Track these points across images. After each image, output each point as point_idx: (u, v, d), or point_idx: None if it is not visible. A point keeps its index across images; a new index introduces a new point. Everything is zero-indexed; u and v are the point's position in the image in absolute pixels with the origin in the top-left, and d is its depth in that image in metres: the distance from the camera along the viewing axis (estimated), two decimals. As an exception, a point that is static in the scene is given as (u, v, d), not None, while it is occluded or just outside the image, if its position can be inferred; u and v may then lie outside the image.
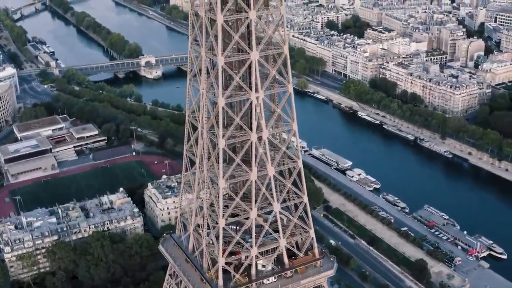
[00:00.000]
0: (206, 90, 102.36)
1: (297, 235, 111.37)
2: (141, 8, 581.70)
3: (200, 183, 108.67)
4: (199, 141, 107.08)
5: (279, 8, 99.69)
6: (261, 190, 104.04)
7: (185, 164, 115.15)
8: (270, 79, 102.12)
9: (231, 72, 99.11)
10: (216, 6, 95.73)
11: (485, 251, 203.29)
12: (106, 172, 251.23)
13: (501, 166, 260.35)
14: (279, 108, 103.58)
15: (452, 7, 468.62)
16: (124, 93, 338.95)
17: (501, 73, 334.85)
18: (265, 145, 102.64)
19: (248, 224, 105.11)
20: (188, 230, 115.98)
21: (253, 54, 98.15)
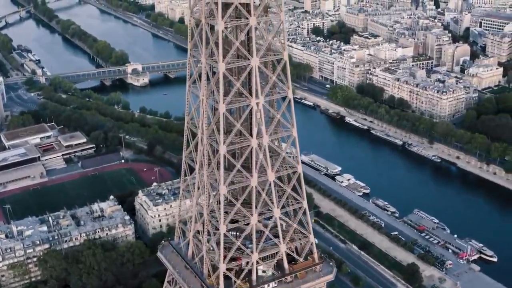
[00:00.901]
0: (206, 97, 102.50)
1: (296, 240, 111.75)
2: (126, 16, 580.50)
3: (200, 189, 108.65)
4: (199, 147, 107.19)
5: (278, 15, 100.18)
6: (262, 195, 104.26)
7: (184, 170, 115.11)
8: (270, 85, 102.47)
9: (232, 78, 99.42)
10: (217, 12, 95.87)
11: (476, 254, 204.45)
12: (95, 180, 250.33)
13: (489, 169, 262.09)
14: (279, 114, 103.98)
15: (437, 12, 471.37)
16: (111, 101, 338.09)
17: (487, 77, 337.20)
18: (265, 151, 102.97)
19: (248, 229, 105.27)
20: (187, 236, 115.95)
21: (254, 60, 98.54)
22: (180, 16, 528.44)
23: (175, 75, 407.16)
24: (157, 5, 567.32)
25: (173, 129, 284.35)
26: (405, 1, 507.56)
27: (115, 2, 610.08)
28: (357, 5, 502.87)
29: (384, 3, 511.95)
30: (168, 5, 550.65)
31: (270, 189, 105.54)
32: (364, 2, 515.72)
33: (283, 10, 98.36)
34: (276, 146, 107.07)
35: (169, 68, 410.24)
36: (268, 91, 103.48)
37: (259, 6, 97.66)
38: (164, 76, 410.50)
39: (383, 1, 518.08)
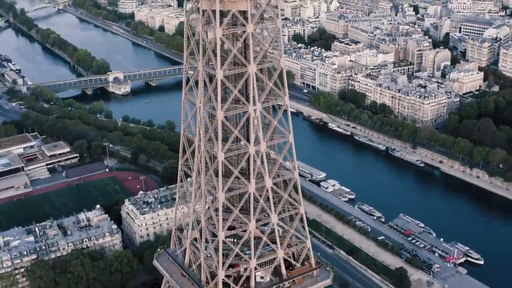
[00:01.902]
0: (204, 104, 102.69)
1: (293, 246, 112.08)
2: (106, 24, 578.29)
3: (198, 197, 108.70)
4: (196, 154, 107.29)
5: (275, 22, 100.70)
6: (259, 202, 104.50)
7: (180, 178, 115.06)
8: (267, 91, 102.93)
9: (229, 85, 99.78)
10: (215, 20, 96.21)
11: (462, 258, 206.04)
12: (80, 189, 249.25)
13: (473, 173, 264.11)
14: (276, 120, 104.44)
15: (417, 18, 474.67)
16: (94, 110, 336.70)
17: (468, 82, 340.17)
18: (262, 157, 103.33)
19: (246, 236, 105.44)
20: (184, 244, 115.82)
21: (251, 67, 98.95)
22: (160, 24, 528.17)
23: (156, 83, 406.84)
24: (137, 13, 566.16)
25: (157, 138, 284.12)
26: (385, 7, 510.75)
27: (95, 11, 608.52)
28: (337, 12, 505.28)
29: (364, 10, 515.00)
30: (148, 14, 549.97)
31: (267, 195, 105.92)
32: (344, 8, 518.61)
33: (280, 17, 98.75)
34: (273, 152, 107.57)
35: (151, 76, 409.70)
36: (265, 98, 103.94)
37: (256, 14, 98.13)
38: (146, 85, 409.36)
39: (362, 8, 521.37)
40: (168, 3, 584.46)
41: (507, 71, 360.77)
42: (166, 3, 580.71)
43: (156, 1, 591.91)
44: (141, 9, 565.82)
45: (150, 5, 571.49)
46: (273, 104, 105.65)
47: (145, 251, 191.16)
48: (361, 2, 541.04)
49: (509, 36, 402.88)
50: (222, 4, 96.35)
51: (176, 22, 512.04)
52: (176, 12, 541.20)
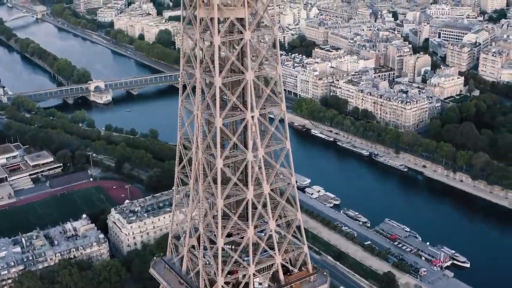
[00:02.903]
0: (201, 111, 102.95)
1: (291, 252, 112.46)
2: (85, 33, 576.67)
3: (195, 204, 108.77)
4: (193, 162, 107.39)
5: (272, 29, 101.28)
6: (257, 208, 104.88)
7: (176, 185, 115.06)
8: (265, 98, 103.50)
9: (228, 93, 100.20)
10: (213, 28, 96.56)
11: (449, 261, 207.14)
12: (64, 199, 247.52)
13: (456, 177, 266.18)
14: (273, 127, 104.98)
15: (396, 24, 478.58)
16: (76, 119, 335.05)
17: (448, 87, 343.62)
18: (260, 163, 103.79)
19: (244, 242, 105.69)
20: (180, 251, 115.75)
21: (249, 74, 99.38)
22: (140, 33, 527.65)
23: (138, 92, 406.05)
24: (116, 22, 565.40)
25: (141, 146, 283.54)
26: (364, 14, 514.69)
27: (73, 20, 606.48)
28: (317, 19, 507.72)
29: (343, 16, 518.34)
30: (127, 22, 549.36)
31: (265, 202, 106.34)
32: (324, 15, 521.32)
33: (277, 25, 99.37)
34: (270, 158, 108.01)
35: (132, 85, 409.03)
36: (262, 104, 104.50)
37: (253, 21, 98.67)
38: (127, 93, 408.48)
39: (342, 14, 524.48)
40: (148, 11, 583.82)
41: (487, 76, 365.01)
42: (145, 12, 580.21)
43: (135, 9, 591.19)
44: (121, 18, 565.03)
45: (129, 14, 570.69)
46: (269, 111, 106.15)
47: (133, 260, 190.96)
48: (340, 9, 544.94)
49: (488, 40, 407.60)
50: (220, 12, 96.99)
51: (156, 31, 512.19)
52: (156, 21, 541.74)
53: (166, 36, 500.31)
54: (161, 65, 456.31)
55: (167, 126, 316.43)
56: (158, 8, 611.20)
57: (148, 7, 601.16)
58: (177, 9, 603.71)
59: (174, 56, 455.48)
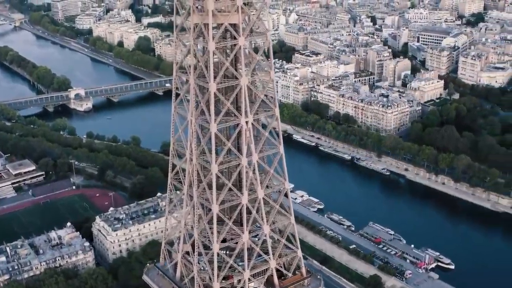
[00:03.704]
0: (195, 117, 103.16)
1: (285, 256, 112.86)
2: (63, 41, 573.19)
3: (189, 210, 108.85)
4: (187, 167, 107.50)
5: (265, 34, 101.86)
6: (252, 213, 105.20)
7: (169, 191, 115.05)
8: (258, 104, 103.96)
9: (222, 98, 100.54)
10: (208, 34, 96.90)
11: (433, 263, 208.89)
12: (47, 207, 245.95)
13: (438, 180, 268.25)
14: (266, 132, 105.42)
15: (375, 28, 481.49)
16: (57, 127, 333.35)
17: (429, 90, 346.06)
18: (254, 168, 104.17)
19: (239, 247, 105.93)
20: (174, 258, 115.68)
21: (243, 80, 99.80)
22: (119, 40, 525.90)
23: (118, 99, 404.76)
24: (95, 29, 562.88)
25: (123, 153, 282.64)
26: (343, 19, 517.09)
27: (52, 28, 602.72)
28: (296, 24, 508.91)
29: (323, 21, 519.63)
30: (106, 29, 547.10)
31: (259, 206, 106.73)
32: (303, 21, 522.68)
33: (270, 30, 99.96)
34: (264, 163, 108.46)
35: (112, 92, 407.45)
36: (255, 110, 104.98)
37: (247, 27, 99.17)
38: (107, 100, 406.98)
39: (321, 20, 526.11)
40: (126, 18, 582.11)
41: (466, 79, 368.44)
42: (124, 19, 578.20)
43: (114, 16, 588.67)
44: (99, 25, 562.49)
45: (108, 21, 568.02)
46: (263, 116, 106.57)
47: (118, 267, 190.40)
48: (319, 14, 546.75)
49: (467, 44, 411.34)
50: (214, 18, 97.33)
51: (135, 37, 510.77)
52: (135, 27, 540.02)
53: (145, 43, 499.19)
54: (141, 72, 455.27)
55: (149, 133, 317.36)
56: (137, 15, 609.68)
57: (127, 14, 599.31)
58: (155, 15, 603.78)
59: (154, 62, 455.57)
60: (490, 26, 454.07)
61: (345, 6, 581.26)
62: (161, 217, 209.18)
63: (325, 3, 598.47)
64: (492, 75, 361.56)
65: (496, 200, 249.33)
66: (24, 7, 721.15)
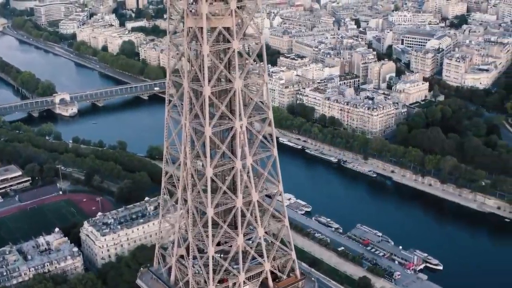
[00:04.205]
0: (189, 121, 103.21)
1: (279, 258, 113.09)
2: (47, 45, 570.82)
3: (183, 213, 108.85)
4: (182, 171, 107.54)
5: (258, 38, 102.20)
6: (246, 216, 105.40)
7: (163, 195, 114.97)
8: (252, 106, 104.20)
9: (216, 102, 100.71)
10: (202, 38, 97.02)
11: (422, 264, 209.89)
12: (34, 213, 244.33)
13: (425, 181, 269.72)
14: (260, 134, 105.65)
15: (359, 31, 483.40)
16: (42, 132, 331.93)
17: (414, 92, 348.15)
18: (249, 171, 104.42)
19: (234, 250, 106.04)
20: (168, 262, 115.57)
21: (237, 83, 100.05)
22: (103, 44, 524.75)
23: (103, 103, 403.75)
24: (79, 34, 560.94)
25: (110, 158, 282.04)
26: (327, 22, 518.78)
27: (35, 32, 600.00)
28: (281, 28, 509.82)
29: (307, 25, 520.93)
30: (90, 34, 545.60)
31: (254, 209, 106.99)
32: (287, 24, 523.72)
33: (263, 34, 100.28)
34: (258, 166, 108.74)
35: (97, 96, 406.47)
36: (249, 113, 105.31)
37: (240, 30, 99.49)
38: (92, 105, 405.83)
39: (305, 23, 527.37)
40: (110, 22, 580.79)
41: (451, 81, 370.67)
42: (108, 23, 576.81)
43: (97, 21, 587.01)
44: (83, 30, 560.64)
45: (92, 25, 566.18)
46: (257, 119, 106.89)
47: (108, 272, 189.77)
48: (303, 18, 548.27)
49: (451, 46, 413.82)
50: (208, 22, 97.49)
51: (119, 42, 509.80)
52: (119, 32, 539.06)
53: (129, 47, 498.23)
54: (125, 76, 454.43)
55: (135, 138, 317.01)
56: (121, 19, 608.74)
57: (111, 18, 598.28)
58: (139, 20, 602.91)
59: (139, 67, 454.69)
60: (473, 28, 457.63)
61: (329, 9, 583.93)
62: (149, 222, 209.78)
63: (309, 6, 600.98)
64: (476, 76, 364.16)
65: (482, 200, 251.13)
66: (6, 12, 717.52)
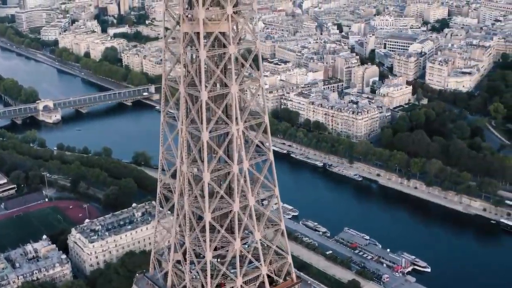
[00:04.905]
0: (186, 126, 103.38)
1: (275, 262, 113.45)
2: (29, 52, 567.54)
3: (180, 218, 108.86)
4: (178, 176, 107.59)
5: (254, 43, 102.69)
6: (243, 220, 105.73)
7: (159, 200, 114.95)
8: (248, 111, 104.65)
9: (213, 106, 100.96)
10: (199, 43, 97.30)
11: (410, 266, 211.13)
12: (21, 220, 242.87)
13: (410, 184, 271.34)
14: (256, 138, 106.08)
15: (341, 36, 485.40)
16: (26, 139, 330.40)
17: (397, 96, 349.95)
18: (245, 175, 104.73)
19: (231, 255, 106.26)
20: (164, 267, 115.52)
21: (233, 87, 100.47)
22: (85, 51, 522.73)
23: (87, 110, 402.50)
24: (60, 40, 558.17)
25: (95, 165, 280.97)
26: (310, 27, 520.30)
27: (17, 39, 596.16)
28: (263, 33, 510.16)
29: (289, 30, 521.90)
30: (72, 40, 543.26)
31: (250, 213, 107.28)
32: (270, 29, 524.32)
33: (258, 39, 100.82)
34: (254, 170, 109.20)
35: (81, 103, 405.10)
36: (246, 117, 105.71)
37: (236, 35, 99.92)
38: (76, 112, 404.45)
39: (288, 28, 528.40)
40: (92, 29, 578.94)
41: (434, 84, 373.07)
42: (90, 29, 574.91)
43: (79, 27, 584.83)
44: (65, 36, 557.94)
45: (74, 32, 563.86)
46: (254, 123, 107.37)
47: (96, 279, 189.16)
48: (286, 23, 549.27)
49: (433, 50, 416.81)
50: (205, 27, 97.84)
51: (102, 48, 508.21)
52: (101, 38, 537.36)
53: (112, 53, 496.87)
54: (108, 83, 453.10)
55: (119, 144, 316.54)
56: (103, 25, 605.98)
57: (92, 25, 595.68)
58: (121, 26, 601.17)
59: (122, 73, 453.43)
60: (455, 31, 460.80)
61: (311, 14, 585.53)
62: (137, 228, 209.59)
63: (291, 12, 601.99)
64: (459, 79, 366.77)
65: (468, 203, 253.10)
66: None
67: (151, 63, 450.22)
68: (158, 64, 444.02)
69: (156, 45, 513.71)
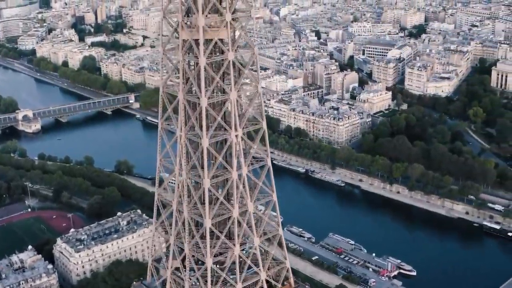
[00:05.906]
0: (185, 132, 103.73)
1: (273, 267, 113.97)
2: (6, 62, 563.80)
3: (179, 225, 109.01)
4: (176, 183, 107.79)
5: (252, 49, 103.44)
6: (242, 226, 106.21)
7: (156, 208, 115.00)
8: (247, 117, 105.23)
9: (213, 113, 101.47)
10: (198, 50, 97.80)
11: (396, 270, 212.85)
12: (4, 231, 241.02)
13: (393, 189, 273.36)
14: (255, 145, 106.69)
15: (319, 43, 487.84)
16: (7, 149, 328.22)
17: (377, 102, 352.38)
18: (244, 181, 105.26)
19: (230, 260, 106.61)
20: (162, 274, 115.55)
21: (232, 94, 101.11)
22: (63, 60, 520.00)
23: (67, 119, 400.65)
24: (38, 49, 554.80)
25: (77, 174, 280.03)
26: (288, 34, 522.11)
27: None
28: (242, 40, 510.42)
29: (268, 37, 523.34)
30: (50, 49, 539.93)
31: (249, 219, 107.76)
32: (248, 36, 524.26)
33: (256, 45, 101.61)
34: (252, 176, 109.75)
35: (60, 112, 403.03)
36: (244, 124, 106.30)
37: (235, 42, 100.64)
38: (56, 121, 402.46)
39: (266, 35, 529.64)
40: (70, 38, 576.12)
41: (413, 89, 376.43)
42: (67, 38, 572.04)
43: (57, 36, 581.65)
44: (43, 45, 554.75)
45: (51, 41, 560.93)
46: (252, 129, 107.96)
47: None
48: (264, 30, 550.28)
49: (412, 55, 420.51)
50: (204, 34, 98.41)
51: (80, 57, 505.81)
52: (79, 47, 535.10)
53: (90, 62, 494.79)
54: (87, 92, 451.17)
55: (101, 153, 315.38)
56: (80, 34, 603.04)
57: (70, 34, 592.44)
58: (99, 35, 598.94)
59: (101, 82, 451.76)
60: (432, 37, 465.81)
61: (289, 21, 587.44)
62: (123, 237, 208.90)
63: (269, 19, 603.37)
64: (438, 85, 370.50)
65: (450, 206, 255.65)
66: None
67: (130, 72, 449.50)
68: (137, 73, 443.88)
69: (135, 53, 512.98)
